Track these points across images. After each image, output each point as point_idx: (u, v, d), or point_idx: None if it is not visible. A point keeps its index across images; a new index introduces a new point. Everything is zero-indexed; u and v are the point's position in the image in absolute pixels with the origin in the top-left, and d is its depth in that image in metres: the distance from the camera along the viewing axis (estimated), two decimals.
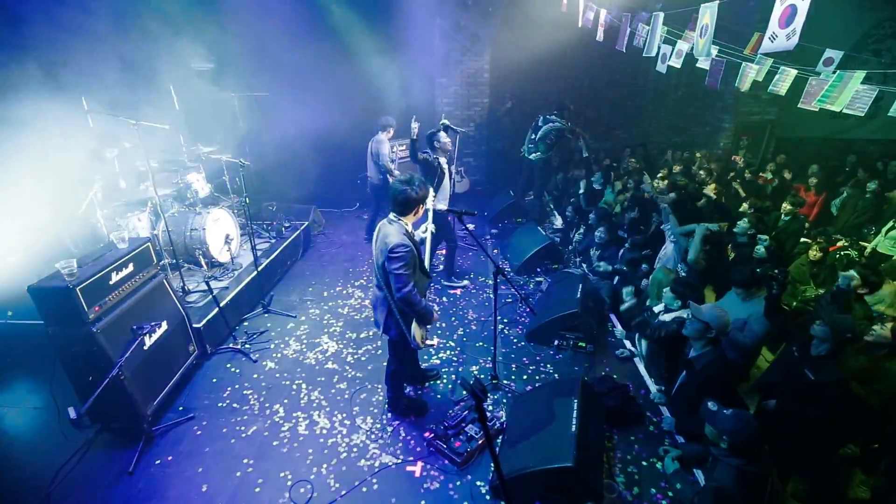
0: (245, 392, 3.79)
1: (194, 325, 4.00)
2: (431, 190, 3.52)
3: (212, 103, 6.26)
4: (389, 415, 3.58)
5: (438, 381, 3.94)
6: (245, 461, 3.15)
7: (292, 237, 5.90)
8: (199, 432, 3.40)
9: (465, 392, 1.69)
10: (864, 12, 9.08)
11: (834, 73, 4.41)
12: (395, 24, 7.39)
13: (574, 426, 2.89)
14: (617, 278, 4.99)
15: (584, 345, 4.23)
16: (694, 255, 4.25)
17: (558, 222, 7.08)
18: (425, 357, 4.22)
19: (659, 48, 5.57)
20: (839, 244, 5.86)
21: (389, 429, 3.45)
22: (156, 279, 3.63)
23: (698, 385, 3.13)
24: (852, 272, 3.77)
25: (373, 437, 3.38)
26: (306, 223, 6.39)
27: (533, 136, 7.14)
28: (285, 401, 3.70)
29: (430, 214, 3.38)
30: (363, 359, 4.23)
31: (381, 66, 7.49)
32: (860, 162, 8.21)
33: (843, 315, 3.23)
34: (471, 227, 4.94)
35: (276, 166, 7.04)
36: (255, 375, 3.98)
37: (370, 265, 5.56)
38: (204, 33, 6.01)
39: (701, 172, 7.23)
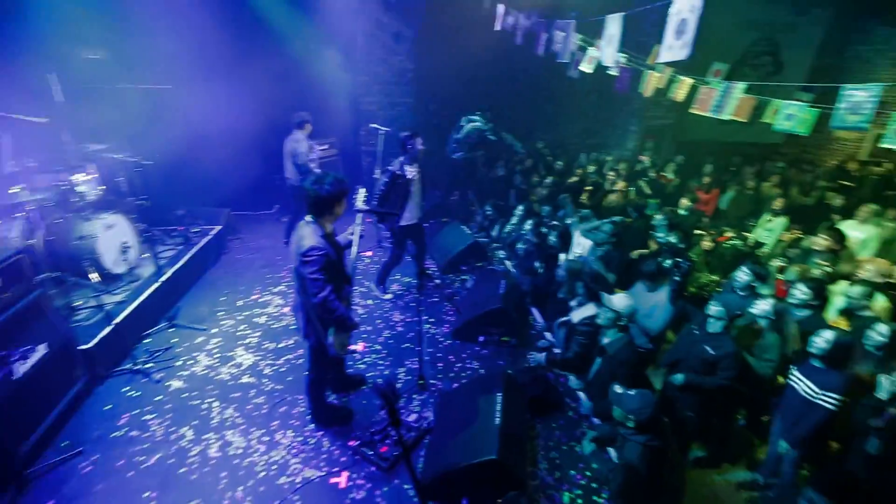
0: (145, 418, 3.43)
1: (82, 347, 3.55)
2: (363, 190, 3.39)
3: (105, 96, 5.60)
4: (312, 426, 3.42)
5: (365, 387, 3.83)
6: (146, 495, 2.84)
7: (202, 243, 5.45)
8: (88, 469, 3.01)
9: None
10: (743, 31, 10.26)
11: (720, 83, 4.94)
12: (315, 19, 7.12)
13: (498, 419, 2.93)
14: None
15: (507, 339, 4.34)
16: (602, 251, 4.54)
17: (482, 221, 7.22)
18: (350, 363, 4.09)
19: (573, 55, 5.89)
20: (727, 235, 6.54)
21: (312, 441, 3.29)
22: (30, 297, 3.17)
23: (611, 369, 3.33)
24: (744, 271, 4.00)
25: (294, 451, 3.20)
26: (218, 228, 5.94)
27: (456, 137, 7.23)
28: (194, 423, 3.40)
29: (359, 217, 3.26)
30: (283, 370, 4.00)
31: (300, 62, 7.18)
32: (744, 162, 9.26)
33: (733, 295, 3.61)
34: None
35: (184, 167, 6.46)
36: (158, 398, 3.61)
37: (290, 270, 5.28)
38: (95, 16, 5.37)
39: (611, 173, 7.74)
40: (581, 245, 5.02)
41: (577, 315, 3.78)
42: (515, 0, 6.96)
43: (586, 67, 5.66)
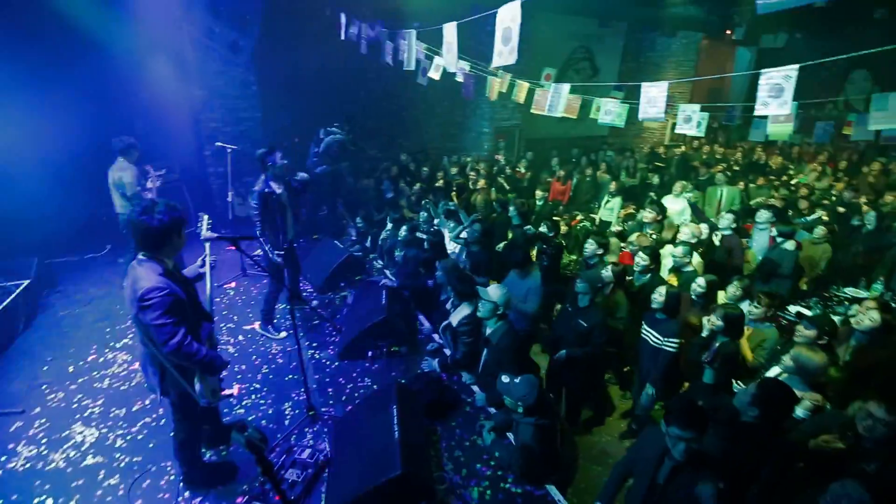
0: None
1: None
2: (206, 217, 3.01)
3: None
4: (187, 493, 2.94)
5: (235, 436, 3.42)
6: None
7: (2, 306, 4.33)
8: None
9: (242, 444, 1.41)
10: (565, 41, 11.72)
11: (551, 85, 5.54)
12: (136, 29, 6.20)
13: (397, 432, 2.85)
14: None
15: (397, 348, 4.27)
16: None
17: (355, 234, 7.06)
18: (227, 409, 3.63)
19: (419, 62, 6.07)
20: (578, 219, 7.39)
21: None
22: None
23: (497, 357, 3.48)
24: (590, 241, 4.71)
25: None
26: (26, 282, 4.79)
27: (316, 150, 6.96)
28: None
29: (208, 246, 2.88)
30: (141, 437, 3.37)
31: (125, 79, 6.19)
32: (581, 153, 10.58)
33: (592, 270, 4.07)
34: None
35: None
36: None
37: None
38: None
39: (472, 174, 8.19)
40: (452, 245, 5.19)
41: (455, 318, 3.87)
42: (358, 9, 6.95)
43: (434, 75, 5.89)
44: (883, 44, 3.62)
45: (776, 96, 3.10)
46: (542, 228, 5.15)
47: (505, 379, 2.87)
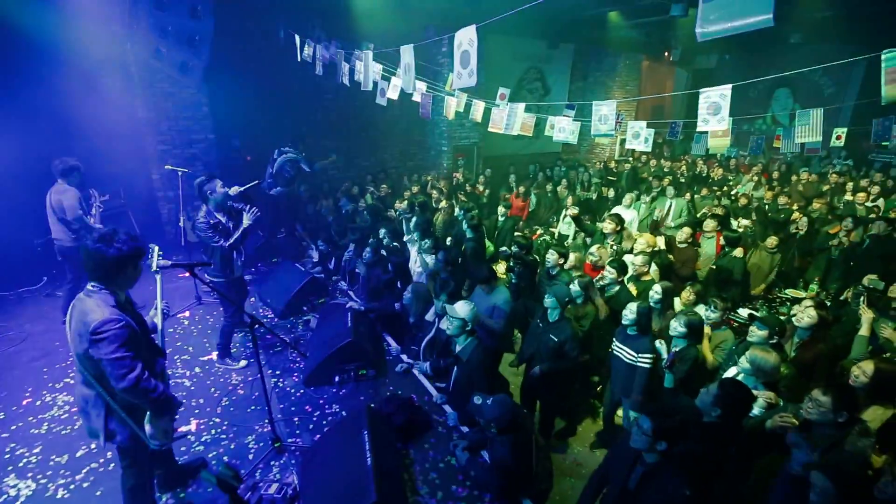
0: None
1: None
2: (156, 248, 2.83)
3: None
4: None
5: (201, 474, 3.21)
6: None
7: None
8: None
9: (216, 482, 1.32)
10: (517, 62, 12.16)
11: (506, 105, 5.71)
12: (80, 50, 5.89)
13: (369, 459, 2.77)
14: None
15: (364, 371, 4.17)
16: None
17: (316, 256, 6.91)
18: (183, 448, 3.40)
19: (376, 83, 6.11)
20: (538, 233, 7.57)
21: None
22: None
23: (468, 374, 3.47)
24: (551, 252, 4.83)
25: None
26: None
27: (270, 171, 6.81)
28: None
29: (159, 279, 2.73)
30: (86, 485, 3.09)
31: (60, 98, 5.84)
32: (538, 170, 10.90)
33: (560, 286, 4.15)
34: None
35: None
36: None
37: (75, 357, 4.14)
38: None
39: (433, 192, 8.25)
40: (418, 262, 5.17)
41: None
42: (312, 31, 6.94)
43: (392, 95, 5.94)
44: (799, 65, 4.03)
45: (714, 113, 3.34)
46: (514, 248, 5.21)
47: (477, 400, 2.85)
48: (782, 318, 3.98)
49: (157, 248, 2.80)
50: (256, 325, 3.17)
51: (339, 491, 2.73)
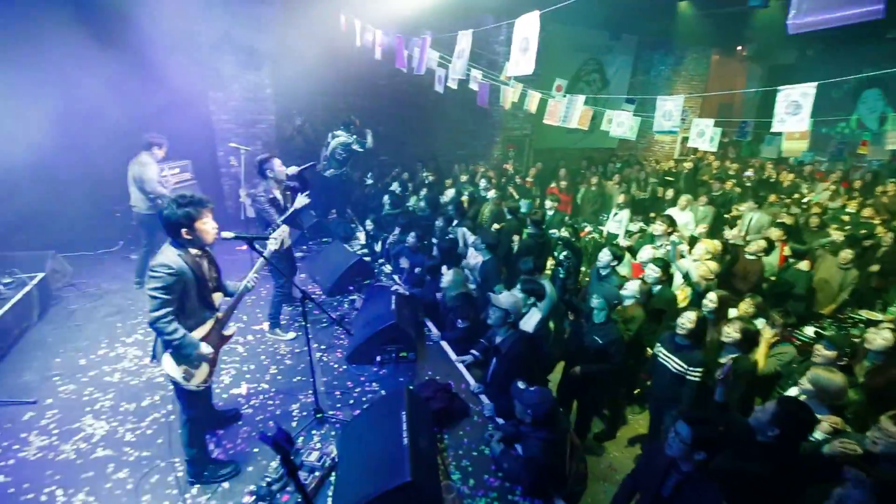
0: None
1: None
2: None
3: None
4: (194, 490, 2.94)
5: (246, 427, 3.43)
6: None
7: (17, 297, 4.36)
8: None
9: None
10: (576, 53, 11.79)
11: (564, 96, 5.57)
12: (157, 32, 6.28)
13: (406, 438, 2.84)
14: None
15: (405, 354, 4.27)
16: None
17: (363, 237, 7.08)
18: (234, 407, 3.63)
19: (434, 71, 6.13)
20: (586, 230, 7.39)
21: None
22: None
23: (506, 367, 3.47)
24: (605, 251, 4.68)
25: None
26: (41, 275, 4.84)
27: (325, 153, 7.02)
28: None
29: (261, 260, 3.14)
30: (150, 432, 3.39)
31: (140, 76, 6.27)
32: (589, 165, 10.59)
33: (611, 287, 4.05)
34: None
35: None
36: None
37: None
38: None
39: (482, 181, 8.21)
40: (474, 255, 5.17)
41: (529, 325, 3.85)
42: (373, 17, 7.02)
43: (452, 84, 5.94)
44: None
45: (794, 113, 3.11)
46: (564, 232, 5.10)
47: (520, 385, 2.85)
48: (855, 340, 3.69)
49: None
50: (306, 300, 3.32)
51: (374, 466, 2.82)
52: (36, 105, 5.32)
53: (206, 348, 2.76)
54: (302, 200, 4.35)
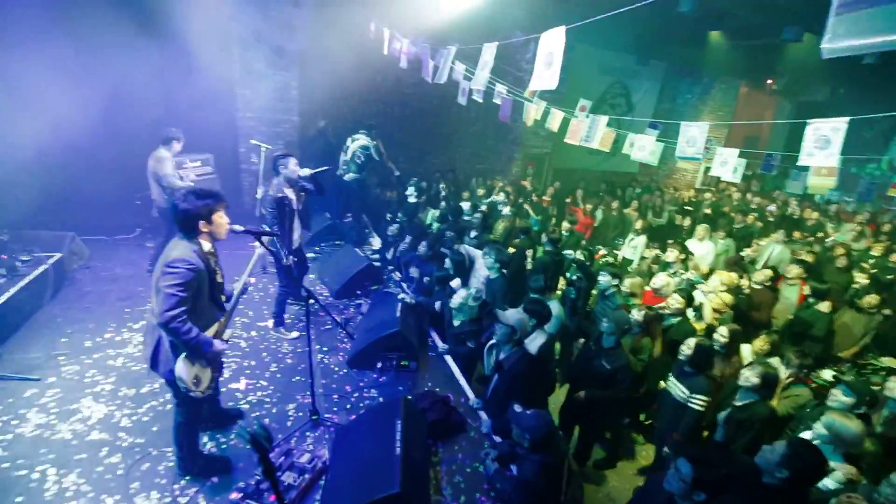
0: None
1: None
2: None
3: None
4: (184, 481, 2.92)
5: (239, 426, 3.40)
6: None
7: (33, 275, 4.45)
8: None
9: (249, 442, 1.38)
10: (602, 75, 11.80)
11: (587, 117, 5.55)
12: (184, 24, 6.47)
13: (398, 448, 2.79)
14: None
15: (406, 363, 4.22)
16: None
17: (377, 243, 7.09)
18: (231, 402, 3.62)
19: (458, 83, 6.18)
20: (600, 253, 7.29)
21: (183, 500, 2.80)
22: None
23: (508, 384, 3.40)
24: (603, 273, 4.57)
25: None
26: (58, 255, 4.94)
27: (344, 157, 7.08)
28: (18, 499, 2.69)
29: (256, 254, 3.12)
30: (146, 419, 3.39)
31: (167, 69, 6.44)
32: (609, 189, 10.49)
33: (621, 312, 3.96)
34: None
35: (10, 184, 5.30)
36: None
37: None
38: None
39: (500, 195, 8.20)
40: (480, 272, 5.11)
41: (534, 346, 3.78)
42: (402, 27, 7.13)
43: (476, 97, 5.97)
44: None
45: (823, 147, 3.03)
46: (579, 255, 5.02)
47: (517, 408, 2.78)
48: (875, 388, 3.53)
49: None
50: (311, 301, 3.31)
51: (364, 474, 2.77)
52: (61, 95, 5.47)
53: (220, 345, 2.72)
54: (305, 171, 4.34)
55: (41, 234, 5.16)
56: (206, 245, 2.67)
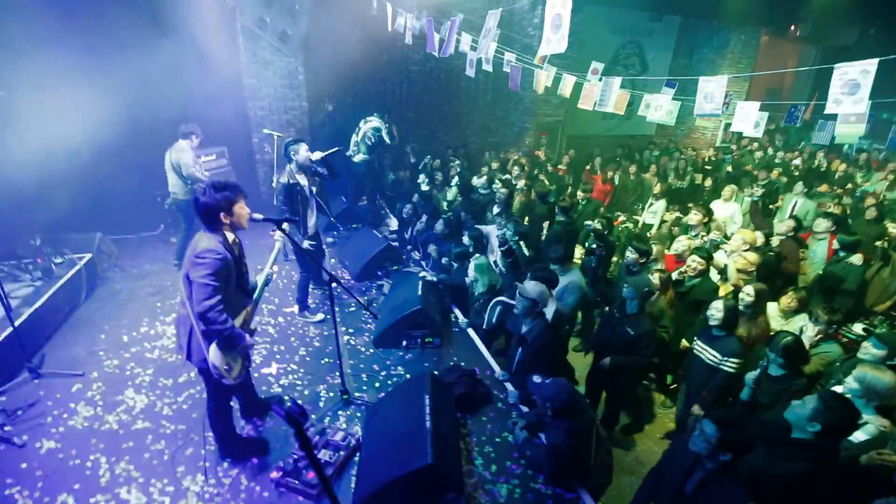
0: (9, 492, 2.82)
1: None
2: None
3: None
4: (226, 464, 3.07)
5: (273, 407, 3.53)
6: None
7: (68, 276, 4.64)
8: None
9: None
10: (613, 35, 11.36)
11: (600, 80, 5.37)
12: (187, 18, 6.45)
13: (428, 422, 2.87)
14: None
15: (430, 340, 4.29)
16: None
17: (394, 224, 7.11)
18: (264, 387, 3.76)
19: (469, 56, 6.02)
20: (620, 219, 7.17)
21: (227, 481, 2.95)
22: None
23: (533, 357, 3.43)
24: (630, 250, 4.42)
25: (207, 496, 2.84)
26: (89, 256, 5.11)
27: (355, 138, 7.06)
28: (76, 486, 2.87)
29: (277, 246, 3.22)
30: (185, 406, 3.55)
31: (176, 65, 6.47)
32: (625, 153, 10.23)
33: (640, 276, 3.92)
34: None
35: (36, 188, 5.45)
36: (24, 465, 2.99)
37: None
38: None
39: (515, 168, 8.08)
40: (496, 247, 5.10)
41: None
42: (404, 1, 6.95)
43: (487, 66, 5.82)
44: None
45: (851, 93, 2.88)
46: (597, 224, 4.94)
47: (536, 379, 2.82)
48: None
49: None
50: (333, 284, 3.37)
51: (397, 448, 2.86)
52: (79, 96, 5.55)
53: (249, 339, 2.79)
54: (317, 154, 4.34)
55: (71, 236, 5.34)
56: (230, 235, 2.72)
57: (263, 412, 3.47)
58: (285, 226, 3.12)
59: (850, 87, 2.87)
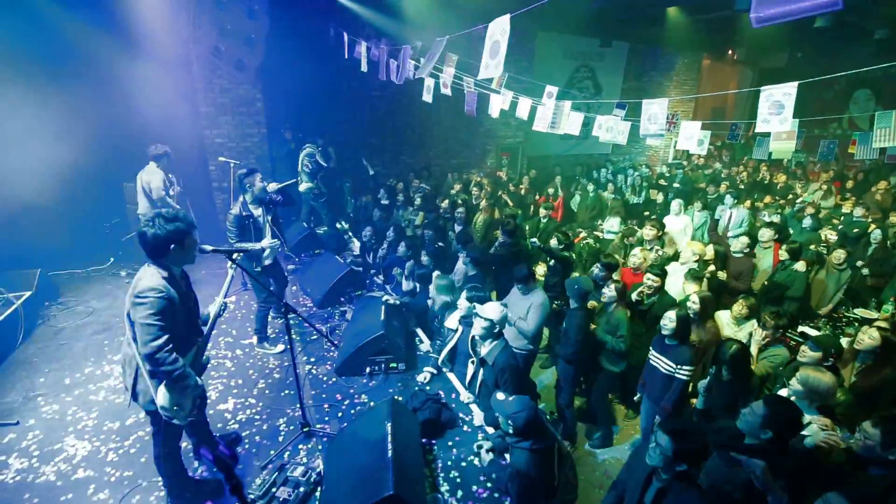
0: None
1: None
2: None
3: None
4: None
5: (239, 448, 3.37)
6: None
7: (2, 316, 4.35)
8: None
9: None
10: (567, 60, 11.87)
11: (552, 102, 5.57)
12: (148, 48, 6.34)
13: (390, 451, 2.79)
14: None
15: (395, 365, 4.21)
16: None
17: (356, 248, 7.04)
18: (220, 423, 3.58)
19: (427, 82, 6.15)
20: (581, 235, 7.36)
21: None
22: None
23: (495, 377, 3.42)
24: (596, 266, 4.52)
25: None
26: (27, 294, 4.81)
27: (298, 169, 7.08)
28: None
29: (230, 274, 3.02)
30: (133, 450, 3.33)
31: (128, 93, 6.32)
32: (583, 171, 10.59)
33: (577, 276, 4.08)
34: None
35: None
36: None
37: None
38: None
39: (475, 189, 8.19)
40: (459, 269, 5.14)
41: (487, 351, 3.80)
42: (361, 29, 7.08)
43: (445, 91, 5.95)
44: (884, 63, 3.62)
45: (776, 113, 3.09)
46: (553, 242, 5.04)
47: (500, 396, 2.81)
48: (846, 339, 3.64)
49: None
50: (290, 314, 3.28)
51: (359, 480, 2.76)
52: (22, 123, 5.33)
53: (200, 380, 2.61)
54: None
55: (8, 273, 5.02)
56: (177, 270, 2.57)
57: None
58: (236, 256, 3.02)
59: (776, 107, 3.09)
